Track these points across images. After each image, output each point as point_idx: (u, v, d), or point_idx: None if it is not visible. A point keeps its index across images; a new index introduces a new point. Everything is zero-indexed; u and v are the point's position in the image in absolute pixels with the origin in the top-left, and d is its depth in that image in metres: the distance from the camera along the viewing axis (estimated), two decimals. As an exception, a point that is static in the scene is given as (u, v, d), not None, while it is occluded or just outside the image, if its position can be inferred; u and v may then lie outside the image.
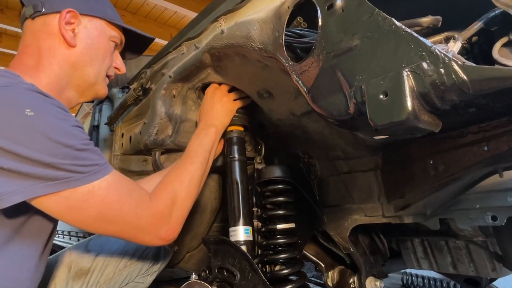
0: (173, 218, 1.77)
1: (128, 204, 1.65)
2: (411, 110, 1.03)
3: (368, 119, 1.11)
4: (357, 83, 1.17)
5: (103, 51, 1.97)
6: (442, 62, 1.00)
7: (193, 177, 1.94)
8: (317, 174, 2.19)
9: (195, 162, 1.99)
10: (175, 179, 1.89)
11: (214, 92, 2.20)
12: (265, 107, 2.08)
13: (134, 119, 2.80)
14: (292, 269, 2.05)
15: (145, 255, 2.44)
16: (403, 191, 1.72)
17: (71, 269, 2.24)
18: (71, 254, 2.32)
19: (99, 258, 2.32)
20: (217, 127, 2.13)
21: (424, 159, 1.56)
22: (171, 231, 1.76)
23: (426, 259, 2.59)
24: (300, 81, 1.39)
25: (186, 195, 1.87)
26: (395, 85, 1.06)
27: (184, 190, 1.87)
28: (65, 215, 1.56)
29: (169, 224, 1.75)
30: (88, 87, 1.97)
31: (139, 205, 1.68)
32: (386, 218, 1.88)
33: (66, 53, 1.86)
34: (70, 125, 1.54)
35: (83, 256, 2.31)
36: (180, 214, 1.81)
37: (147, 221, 1.69)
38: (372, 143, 1.77)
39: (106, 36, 1.98)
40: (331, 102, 1.27)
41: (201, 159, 2.01)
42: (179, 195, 1.83)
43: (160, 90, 2.27)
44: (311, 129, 1.95)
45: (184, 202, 1.84)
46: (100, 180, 1.57)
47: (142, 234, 1.70)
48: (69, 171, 1.49)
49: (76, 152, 1.51)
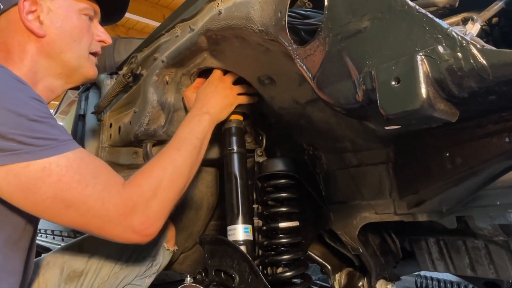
0: (150, 209, 1.66)
1: (92, 187, 1.55)
2: (425, 98, 1.03)
3: (379, 108, 1.11)
4: (366, 69, 1.17)
5: (77, 29, 1.94)
6: (460, 46, 1.00)
7: (179, 165, 1.84)
8: (323, 167, 2.19)
9: (182, 149, 1.90)
10: (157, 166, 1.80)
11: (219, 80, 2.18)
12: (266, 94, 2.08)
13: (123, 107, 2.80)
14: (296, 272, 2.06)
15: (142, 256, 2.43)
16: (417, 186, 1.72)
17: (64, 271, 2.24)
18: (63, 254, 2.32)
19: (93, 259, 2.31)
20: (212, 117, 2.08)
21: (440, 152, 1.56)
22: (148, 224, 1.65)
23: (442, 260, 2.60)
24: (305, 66, 1.39)
25: (169, 184, 1.76)
26: (408, 71, 1.06)
27: (166, 178, 1.76)
28: (17, 195, 1.50)
29: (144, 216, 1.64)
30: (72, 72, 1.96)
31: (107, 189, 1.58)
32: (398, 216, 1.88)
33: (38, 45, 1.86)
34: (27, 95, 1.53)
35: (77, 256, 2.30)
36: (160, 205, 1.70)
37: (115, 210, 1.59)
38: (383, 134, 1.77)
39: (75, 12, 1.95)
40: (338, 89, 1.28)
41: (190, 147, 1.93)
42: (160, 184, 1.72)
43: (151, 76, 2.27)
44: (316, 118, 1.95)
45: (166, 192, 1.73)
46: (58, 156, 1.51)
47: (110, 225, 1.60)
48: (20, 142, 1.44)
49: (30, 123, 1.47)
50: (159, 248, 2.50)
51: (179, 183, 1.82)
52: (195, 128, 2.01)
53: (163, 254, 2.54)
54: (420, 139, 1.65)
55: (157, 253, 2.51)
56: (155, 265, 2.49)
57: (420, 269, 2.82)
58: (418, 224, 2.48)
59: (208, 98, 2.13)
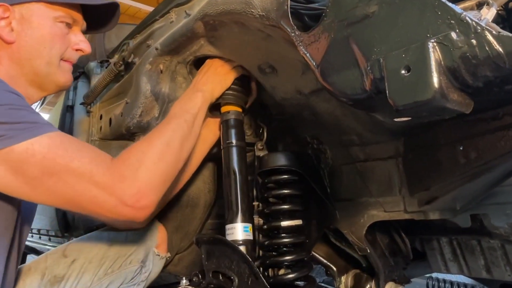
0: (140, 180, 1.72)
1: (78, 160, 1.65)
2: (437, 88, 1.03)
3: (388, 98, 1.12)
4: (374, 56, 1.17)
5: (49, 36, 2.01)
6: (474, 32, 1.00)
7: (167, 138, 1.91)
8: (328, 162, 2.19)
9: (172, 123, 1.98)
10: (144, 141, 1.89)
11: (212, 61, 2.21)
12: (267, 84, 2.08)
13: (114, 98, 2.80)
14: (299, 273, 2.07)
15: (129, 261, 2.41)
16: (428, 182, 1.72)
17: (45, 276, 2.24)
18: (47, 259, 2.32)
19: (76, 264, 2.31)
20: (204, 93, 2.12)
21: (453, 145, 1.56)
22: (140, 196, 1.71)
23: (455, 261, 2.60)
24: (308, 54, 1.39)
25: (158, 157, 1.82)
26: (419, 59, 1.06)
27: (155, 151, 1.83)
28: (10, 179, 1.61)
29: (134, 186, 1.70)
30: (43, 80, 2.05)
31: (94, 162, 1.68)
32: (409, 214, 1.88)
33: (8, 51, 1.96)
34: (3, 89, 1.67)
35: (59, 261, 2.31)
36: (149, 174, 1.76)
37: (104, 181, 1.67)
38: (392, 126, 1.77)
39: (50, 19, 2.02)
40: (345, 79, 1.28)
41: (180, 120, 2.00)
42: (148, 157, 1.80)
43: (145, 65, 2.27)
44: (321, 110, 1.95)
45: (155, 164, 1.80)
46: (40, 136, 1.62)
47: (101, 197, 1.67)
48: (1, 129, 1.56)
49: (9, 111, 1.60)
50: (148, 252, 2.48)
51: (170, 155, 1.88)
52: (186, 104, 2.09)
53: (153, 260, 2.52)
54: (432, 132, 1.65)
55: (146, 259, 2.47)
56: (144, 272, 2.47)
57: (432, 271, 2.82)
58: (430, 223, 2.48)
59: (199, 78, 2.19)
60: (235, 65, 2.21)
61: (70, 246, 2.43)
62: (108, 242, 2.35)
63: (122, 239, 2.36)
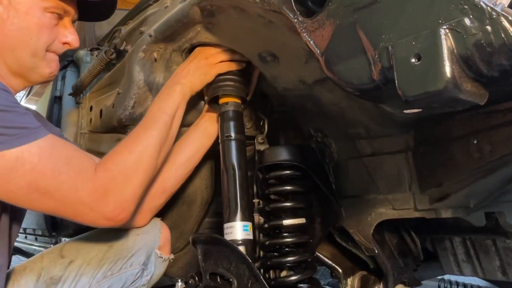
0: (122, 194, 1.83)
1: (66, 173, 1.73)
2: (450, 77, 1.03)
3: (397, 89, 1.12)
4: (383, 44, 1.17)
5: (36, 27, 2.01)
6: (489, 18, 1.00)
7: (146, 146, 1.98)
8: (333, 157, 2.19)
9: (151, 128, 2.04)
10: (125, 148, 1.96)
11: (197, 52, 2.24)
12: (268, 73, 2.08)
13: (105, 88, 2.81)
14: (302, 275, 2.07)
15: (130, 264, 2.40)
16: (440, 178, 1.72)
17: (40, 278, 2.24)
18: (43, 259, 2.32)
19: (73, 265, 2.30)
20: (182, 86, 2.16)
21: (466, 139, 1.56)
22: (120, 210, 1.83)
23: (469, 262, 2.60)
24: (312, 41, 1.39)
25: (137, 167, 1.92)
26: (430, 46, 1.06)
27: (134, 161, 1.92)
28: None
29: (116, 202, 1.81)
30: (27, 72, 2.06)
31: (80, 175, 1.76)
32: (419, 212, 1.89)
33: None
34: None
35: (56, 262, 2.30)
36: (130, 190, 1.87)
37: (88, 196, 1.76)
38: (401, 118, 1.77)
39: (39, 9, 2.01)
40: (351, 67, 1.28)
41: (160, 124, 2.06)
42: (129, 167, 1.89)
43: (137, 53, 2.27)
44: (325, 100, 1.95)
45: (135, 175, 1.90)
46: (29, 144, 1.66)
47: (84, 211, 1.78)
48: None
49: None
50: (150, 254, 2.46)
51: (148, 165, 1.98)
52: (164, 103, 2.14)
53: (155, 263, 2.50)
54: (444, 125, 1.65)
55: (148, 261, 2.44)
56: (146, 275, 2.45)
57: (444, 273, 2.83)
58: (442, 222, 2.49)
59: (180, 69, 2.23)
60: (223, 59, 2.22)
61: (68, 245, 2.42)
62: (107, 243, 2.33)
63: (122, 240, 2.35)
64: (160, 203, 2.38)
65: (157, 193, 2.28)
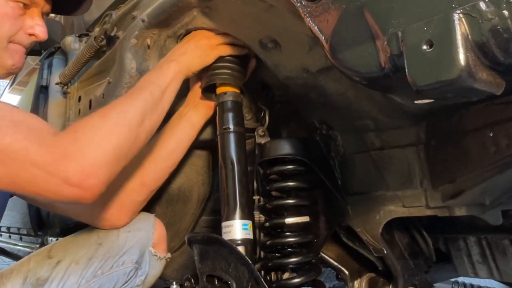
0: (87, 157, 1.72)
1: (11, 136, 1.65)
2: (464, 65, 1.03)
3: (407, 77, 1.11)
4: (392, 29, 1.17)
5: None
6: (506, 2, 0.99)
7: (124, 112, 1.90)
8: (339, 150, 2.19)
9: (133, 96, 1.98)
10: (97, 114, 1.89)
11: (197, 32, 2.22)
12: (269, 61, 2.08)
13: (95, 77, 2.81)
14: (306, 278, 2.07)
15: (121, 262, 2.39)
16: (453, 174, 1.72)
17: (27, 280, 2.25)
18: (30, 262, 2.33)
19: (61, 265, 2.30)
20: (179, 64, 2.12)
21: (482, 131, 1.56)
22: (86, 175, 1.70)
23: (484, 264, 2.61)
24: (316, 26, 1.39)
25: (111, 130, 1.82)
26: (443, 32, 1.06)
27: (108, 124, 1.83)
28: None
29: (80, 165, 1.70)
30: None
31: (30, 138, 1.69)
32: (431, 210, 1.89)
33: None
34: None
35: (43, 263, 2.31)
36: (99, 154, 1.76)
37: (43, 157, 1.67)
38: (412, 109, 1.77)
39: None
40: (358, 55, 1.28)
41: (145, 93, 1.98)
42: (99, 130, 1.80)
43: (129, 39, 2.27)
44: (330, 90, 1.95)
45: (106, 139, 1.80)
46: None
47: (41, 177, 1.68)
48: None
49: None
50: (144, 252, 2.45)
51: (123, 128, 1.87)
52: (154, 75, 2.08)
53: (150, 261, 2.49)
54: (458, 116, 1.65)
55: (142, 259, 2.43)
56: (140, 275, 2.44)
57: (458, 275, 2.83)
58: (455, 220, 2.49)
59: (177, 47, 2.20)
60: (224, 42, 2.21)
61: (56, 246, 2.43)
62: (97, 241, 2.33)
63: (113, 238, 2.34)
64: (140, 199, 2.36)
65: (136, 187, 2.27)
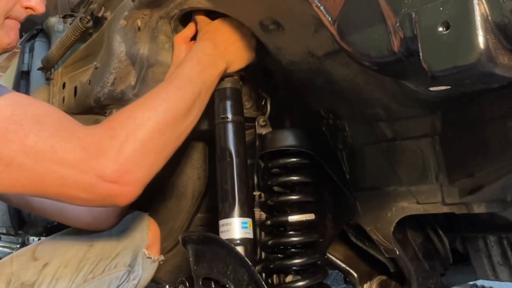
0: (124, 152, 1.68)
1: (36, 134, 1.60)
2: (483, 49, 1.03)
3: (421, 62, 1.11)
4: (405, 10, 1.17)
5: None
6: (530, -21, 1.00)
7: (174, 107, 1.85)
8: (347, 142, 2.19)
9: (184, 89, 1.91)
10: (143, 104, 1.84)
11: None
12: (271, 44, 2.08)
13: (80, 62, 2.81)
14: (311, 281, 2.08)
15: (114, 265, 2.40)
16: (472, 167, 1.72)
17: (11, 284, 2.25)
18: (12, 263, 2.32)
19: (48, 269, 2.30)
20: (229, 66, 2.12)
21: (503, 121, 1.56)
22: (125, 170, 1.67)
23: (506, 265, 2.61)
24: (323, 6, 1.39)
25: (157, 128, 1.78)
26: (461, 13, 1.06)
27: (155, 120, 1.78)
28: None
29: (117, 160, 1.67)
30: None
31: (57, 135, 1.63)
32: (448, 207, 1.89)
33: None
34: None
35: (28, 265, 2.30)
36: (138, 148, 1.71)
37: (75, 155, 1.62)
38: (427, 97, 1.77)
39: None
40: (368, 38, 1.28)
41: (195, 89, 1.94)
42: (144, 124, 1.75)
43: (118, 20, 2.26)
44: (338, 76, 1.95)
45: (149, 134, 1.75)
46: None
47: (72, 173, 1.63)
48: None
49: None
50: (137, 254, 2.46)
51: (171, 128, 1.84)
52: (207, 70, 2.03)
53: (143, 264, 2.49)
54: (477, 104, 1.65)
55: (135, 262, 2.45)
56: (133, 279, 2.46)
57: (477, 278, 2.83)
58: (474, 218, 2.49)
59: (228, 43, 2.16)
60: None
61: (41, 246, 2.42)
62: (88, 242, 2.33)
63: (105, 238, 2.35)
64: None
65: None
